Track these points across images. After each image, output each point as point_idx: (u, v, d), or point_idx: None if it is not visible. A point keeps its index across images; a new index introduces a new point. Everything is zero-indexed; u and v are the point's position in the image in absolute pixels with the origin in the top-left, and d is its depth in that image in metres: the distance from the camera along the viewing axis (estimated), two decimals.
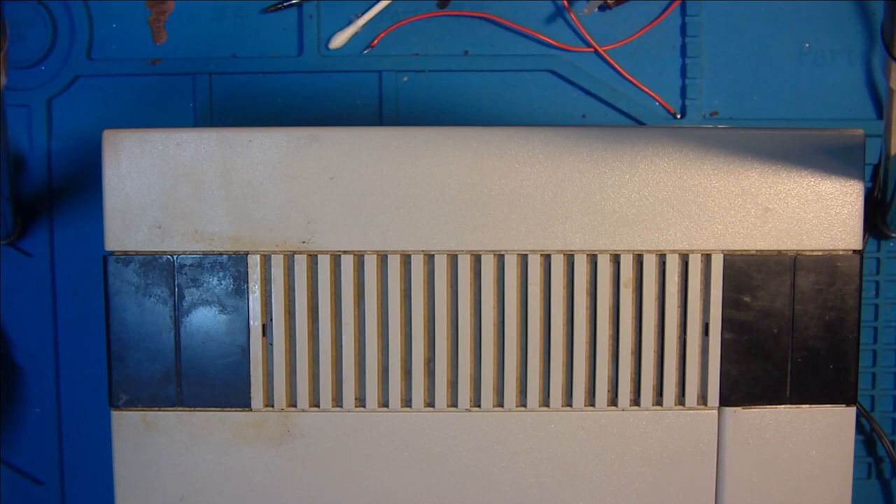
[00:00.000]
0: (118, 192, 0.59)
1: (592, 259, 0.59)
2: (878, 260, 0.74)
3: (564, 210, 0.59)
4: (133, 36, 0.74)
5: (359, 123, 0.74)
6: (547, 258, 0.59)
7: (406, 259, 0.59)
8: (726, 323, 0.59)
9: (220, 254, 0.59)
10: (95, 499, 0.74)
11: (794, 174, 0.59)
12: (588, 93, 0.74)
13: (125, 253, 0.59)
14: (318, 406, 0.60)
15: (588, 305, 0.60)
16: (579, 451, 0.60)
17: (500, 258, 0.59)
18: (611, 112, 0.74)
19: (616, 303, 0.60)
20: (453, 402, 0.60)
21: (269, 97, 0.74)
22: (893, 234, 0.72)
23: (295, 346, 0.60)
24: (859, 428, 0.74)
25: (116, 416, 0.60)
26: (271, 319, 0.59)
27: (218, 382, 0.59)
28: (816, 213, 0.59)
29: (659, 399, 0.60)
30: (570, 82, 0.74)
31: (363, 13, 0.73)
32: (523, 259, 0.59)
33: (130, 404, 0.60)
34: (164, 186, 0.59)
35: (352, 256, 0.59)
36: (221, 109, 0.74)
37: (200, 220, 0.59)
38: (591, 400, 0.60)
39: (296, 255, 0.59)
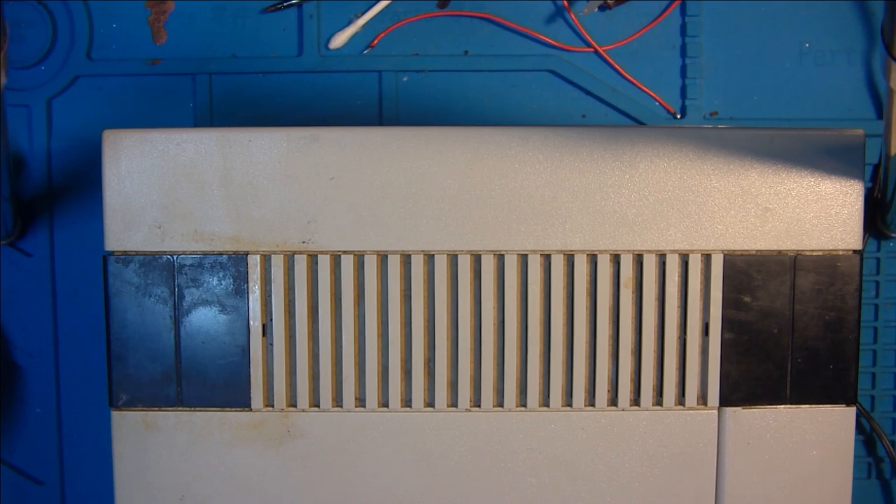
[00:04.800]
0: (118, 192, 0.59)
1: (592, 259, 0.59)
2: (878, 260, 0.74)
3: (564, 210, 0.59)
4: (133, 36, 0.74)
5: (359, 123, 0.74)
6: (547, 258, 0.59)
7: (406, 259, 0.59)
8: (726, 323, 0.59)
9: (220, 254, 0.59)
10: (95, 499, 0.74)
11: (794, 174, 0.59)
12: (588, 93, 0.74)
13: (125, 253, 0.59)
14: (318, 406, 0.60)
15: (588, 305, 0.60)
16: (579, 451, 0.60)
17: (500, 258, 0.59)
18: (611, 112, 0.74)
19: (616, 303, 0.60)
20: (453, 402, 0.60)
21: (269, 97, 0.74)
22: (893, 234, 0.72)
23: (295, 346, 0.60)
24: (859, 428, 0.74)
25: (116, 416, 0.60)
26: (271, 319, 0.59)
27: (218, 382, 0.59)
28: (816, 213, 0.59)
29: (659, 399, 0.60)
30: (570, 82, 0.74)
31: (363, 13, 0.73)
32: (523, 259, 0.59)
33: (130, 404, 0.60)
34: (164, 186, 0.59)
35: (352, 256, 0.59)
36: (221, 109, 0.74)
37: (200, 220, 0.59)
38: (591, 400, 0.60)
39: (296, 255, 0.59)
